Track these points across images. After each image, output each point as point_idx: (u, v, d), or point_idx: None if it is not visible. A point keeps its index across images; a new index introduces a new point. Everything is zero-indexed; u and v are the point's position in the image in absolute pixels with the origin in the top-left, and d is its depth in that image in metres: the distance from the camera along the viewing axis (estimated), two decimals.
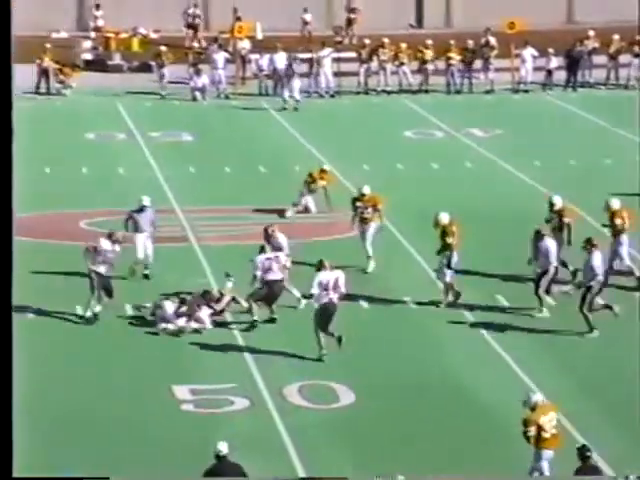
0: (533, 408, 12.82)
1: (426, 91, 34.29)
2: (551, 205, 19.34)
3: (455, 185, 25.35)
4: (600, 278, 17.21)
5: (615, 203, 19.21)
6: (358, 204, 19.74)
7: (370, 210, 19.58)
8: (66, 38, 38.52)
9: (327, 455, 13.95)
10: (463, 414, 14.98)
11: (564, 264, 18.75)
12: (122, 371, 16.16)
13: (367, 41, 34.71)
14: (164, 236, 21.44)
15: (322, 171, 23.19)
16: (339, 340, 16.17)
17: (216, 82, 33.41)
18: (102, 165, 26.53)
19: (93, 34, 38.79)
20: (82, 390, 15.56)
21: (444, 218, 18.40)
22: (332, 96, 33.92)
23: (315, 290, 16.24)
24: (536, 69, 34.44)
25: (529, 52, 34.27)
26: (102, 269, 17.47)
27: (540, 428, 12.64)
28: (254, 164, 26.68)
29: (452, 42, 34.52)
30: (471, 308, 18.18)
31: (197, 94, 32.98)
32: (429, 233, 18.89)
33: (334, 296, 16.29)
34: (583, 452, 12.30)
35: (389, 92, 34.21)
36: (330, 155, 26.41)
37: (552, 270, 17.78)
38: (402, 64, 34.35)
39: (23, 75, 32.52)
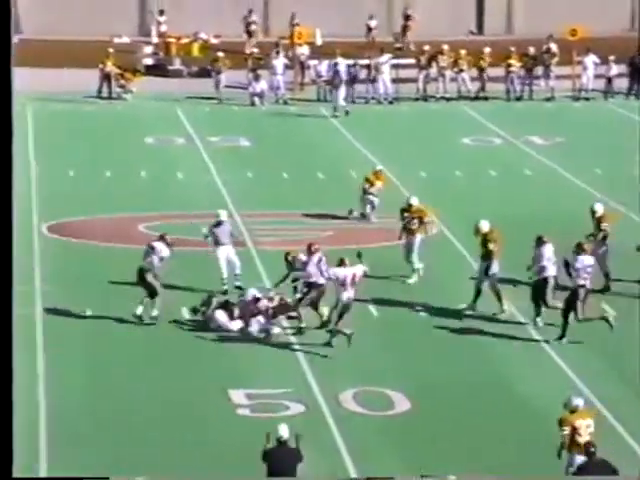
0: (573, 411, 12.81)
1: (485, 98, 34.11)
2: (593, 213, 19.23)
3: (513, 193, 25.17)
4: (581, 282, 17.00)
5: None
6: (405, 215, 19.66)
7: (416, 222, 19.45)
8: (128, 43, 38.89)
9: (381, 461, 13.90)
10: (519, 421, 14.84)
11: (607, 275, 18.72)
12: (179, 375, 16.21)
13: (426, 47, 34.61)
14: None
15: (377, 172, 23.13)
16: (349, 338, 16.56)
17: (275, 88, 33.52)
18: (161, 169, 26.70)
19: (156, 39, 39.09)
20: (138, 393, 15.64)
21: (484, 226, 18.36)
22: (390, 102, 33.86)
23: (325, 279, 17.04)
24: (597, 77, 34.11)
25: (591, 59, 33.94)
26: (156, 271, 17.62)
27: (575, 431, 12.59)
28: (312, 170, 26.70)
29: (512, 49, 34.32)
30: (528, 315, 18.02)
31: (256, 99, 33.10)
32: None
33: (352, 293, 16.63)
34: (588, 448, 12.23)
35: (448, 99, 34.09)
36: (387, 162, 26.32)
37: (551, 280, 17.51)
38: (461, 71, 34.21)
39: (86, 79, 32.92)
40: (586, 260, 17.21)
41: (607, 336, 17.10)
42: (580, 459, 12.53)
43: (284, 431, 12.20)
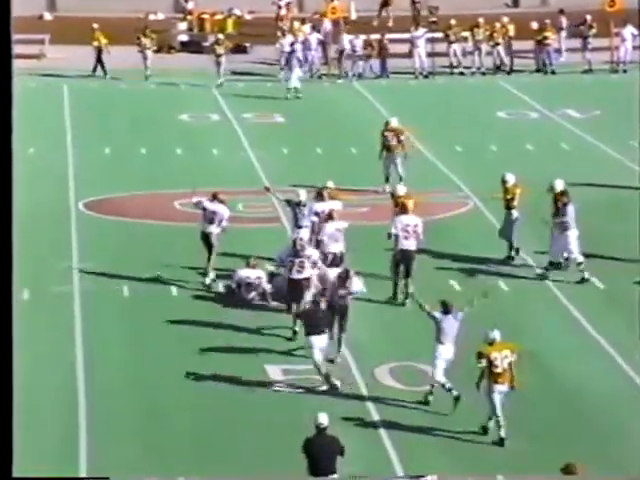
0: (491, 343, 13.64)
1: (520, 71, 33.83)
2: (551, 188, 18.82)
3: (550, 166, 25.00)
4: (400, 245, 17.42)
5: None
6: (385, 134, 21.24)
7: (395, 139, 20.78)
8: (162, 20, 38.88)
9: (418, 437, 13.92)
10: (552, 395, 14.80)
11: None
12: (214, 350, 16.30)
13: (453, 22, 34.33)
14: (256, 217, 21.59)
15: (387, 124, 22.96)
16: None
17: (309, 63, 33.42)
18: (196, 146, 26.75)
19: (189, 16, 39.05)
20: (174, 369, 15.73)
21: (400, 190, 18.84)
22: (426, 77, 33.72)
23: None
24: (635, 48, 33.73)
25: (629, 31, 33.58)
26: (211, 229, 18.01)
27: (491, 363, 13.46)
28: (345, 145, 26.65)
29: (547, 21, 34.02)
30: (566, 289, 17.95)
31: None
32: (524, 215, 18.68)
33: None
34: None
35: (484, 72, 33.88)
36: (423, 136, 26.24)
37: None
38: (497, 44, 33.96)
39: (122, 57, 32.96)
40: (404, 219, 17.58)
41: None
42: (499, 388, 13.45)
43: (324, 418, 12.25)
